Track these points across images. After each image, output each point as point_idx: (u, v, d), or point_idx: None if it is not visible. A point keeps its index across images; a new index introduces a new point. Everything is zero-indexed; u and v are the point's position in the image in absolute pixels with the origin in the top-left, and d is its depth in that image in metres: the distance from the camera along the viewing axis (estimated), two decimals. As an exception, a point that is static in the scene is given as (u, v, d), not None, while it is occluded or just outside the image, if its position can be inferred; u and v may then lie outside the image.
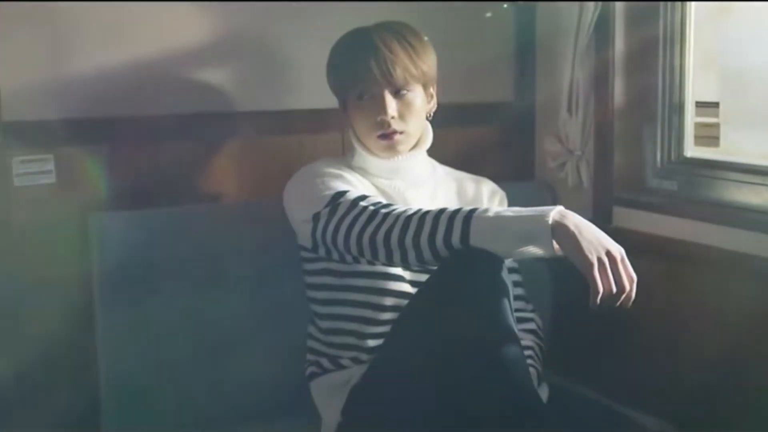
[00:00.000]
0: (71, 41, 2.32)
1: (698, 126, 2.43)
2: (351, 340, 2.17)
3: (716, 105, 2.37)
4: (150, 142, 2.41)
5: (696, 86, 2.42)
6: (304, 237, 2.15)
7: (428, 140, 2.25)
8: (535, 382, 2.11)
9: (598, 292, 1.76)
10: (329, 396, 2.16)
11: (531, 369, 2.12)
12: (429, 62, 2.16)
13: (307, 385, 2.23)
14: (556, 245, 1.81)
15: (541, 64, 2.71)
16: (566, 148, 2.56)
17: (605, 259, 1.78)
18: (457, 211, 1.89)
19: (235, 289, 2.31)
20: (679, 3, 2.42)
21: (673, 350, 2.40)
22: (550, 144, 2.61)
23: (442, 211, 1.90)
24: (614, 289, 1.78)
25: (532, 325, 2.26)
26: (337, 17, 2.38)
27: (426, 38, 2.20)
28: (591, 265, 1.77)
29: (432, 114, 2.25)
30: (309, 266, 2.22)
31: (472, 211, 1.87)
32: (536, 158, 2.72)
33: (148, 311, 2.26)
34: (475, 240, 1.84)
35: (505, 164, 2.73)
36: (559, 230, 1.80)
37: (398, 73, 2.10)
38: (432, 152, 2.40)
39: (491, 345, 1.79)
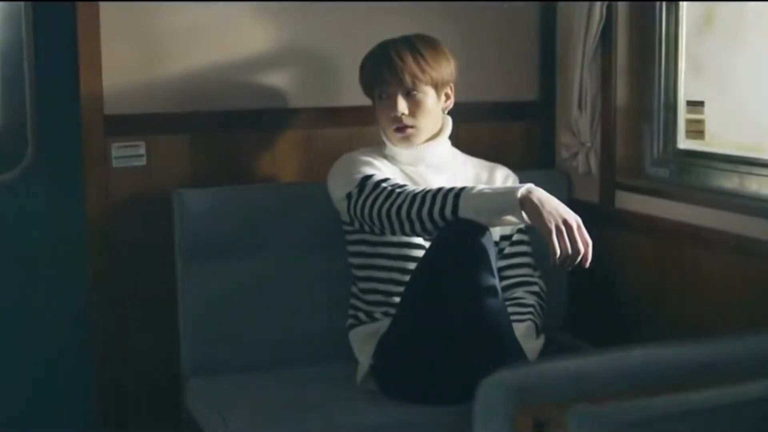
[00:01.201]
0: (160, 46, 2.81)
1: (688, 122, 2.80)
2: (381, 298, 2.62)
3: (702, 104, 2.75)
4: (224, 132, 2.89)
5: (686, 87, 2.79)
6: (342, 213, 2.61)
7: (446, 132, 2.68)
8: (534, 334, 2.54)
9: (556, 253, 2.18)
10: (363, 343, 2.61)
11: (530, 323, 2.55)
12: (440, 69, 2.59)
13: (347, 335, 2.69)
14: (525, 216, 2.24)
15: (560, 63, 3.09)
16: (578, 140, 2.95)
17: (562, 227, 2.20)
18: (450, 189, 2.32)
19: (292, 255, 2.77)
20: (673, 17, 2.79)
21: (659, 307, 2.77)
22: (564, 137, 3.01)
23: (440, 189, 2.34)
24: (570, 251, 2.19)
25: (535, 288, 2.68)
26: (381, 25, 2.80)
27: (444, 49, 2.63)
28: (550, 231, 2.19)
29: (447, 110, 2.68)
30: (349, 237, 2.68)
31: (462, 189, 2.31)
32: (555, 149, 3.12)
33: (221, 271, 2.74)
34: (462, 212, 2.28)
35: (529, 155, 3.13)
36: (526, 203, 2.23)
37: (406, 78, 2.54)
38: (465, 144, 2.83)
39: (475, 296, 2.23)
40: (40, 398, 2.93)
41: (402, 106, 2.58)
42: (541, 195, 2.27)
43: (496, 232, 2.61)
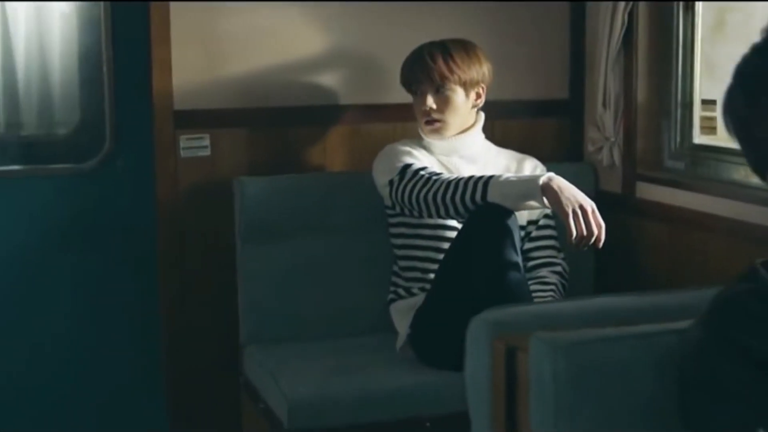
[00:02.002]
0: (223, 49, 3.13)
1: (702, 119, 3.05)
2: (419, 275, 2.92)
3: (715, 102, 3.00)
4: (279, 126, 3.20)
5: (701, 86, 3.05)
6: (385, 198, 2.91)
7: (478, 126, 2.96)
8: (555, 311, 2.82)
9: (572, 234, 2.46)
10: (402, 315, 2.90)
11: (551, 299, 2.82)
12: (470, 71, 2.87)
13: (388, 309, 2.99)
14: (546, 201, 2.51)
15: (588, 63, 3.34)
16: (602, 135, 3.21)
17: (578, 211, 2.47)
18: (480, 177, 2.61)
19: (339, 237, 3.08)
20: (689, 21, 3.05)
21: (674, 287, 3.02)
22: (590, 132, 3.27)
23: (471, 177, 2.63)
24: (585, 232, 2.47)
25: (558, 268, 2.95)
26: (422, 28, 3.09)
27: (478, 53, 2.92)
28: (567, 214, 2.46)
29: (478, 107, 2.96)
30: (391, 220, 2.98)
31: (490, 177, 2.59)
32: (584, 144, 3.38)
33: (276, 251, 3.05)
34: (490, 198, 2.57)
35: (559, 149, 3.39)
36: (547, 189, 2.50)
37: (436, 77, 2.83)
38: (500, 138, 3.12)
39: (500, 271, 2.51)
40: (114, 360, 3.27)
41: (430, 101, 2.87)
42: (560, 182, 2.54)
43: (524, 217, 2.88)
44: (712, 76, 3.02)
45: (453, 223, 2.84)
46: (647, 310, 1.37)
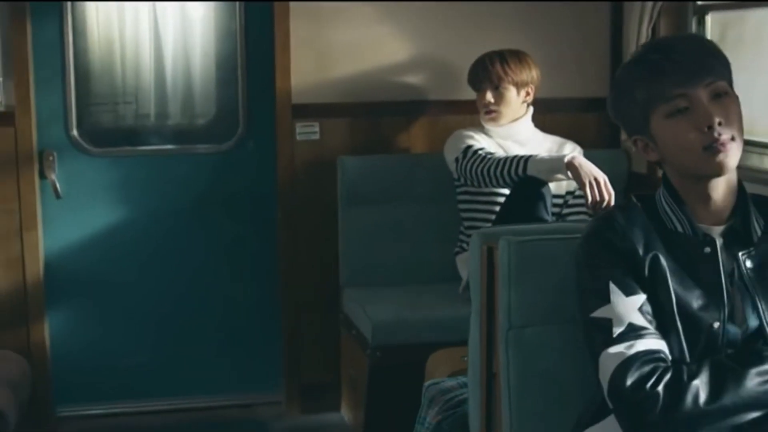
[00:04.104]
0: (330, 56, 3.99)
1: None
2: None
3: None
4: (374, 117, 4.06)
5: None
6: (453, 173, 3.73)
7: (528, 117, 3.75)
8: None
9: (588, 200, 3.23)
10: (464, 264, 3.71)
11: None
12: (521, 74, 3.65)
13: (454, 259, 3.81)
14: (570, 174, 3.30)
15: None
16: (632, 125, 3.97)
17: (593, 182, 3.23)
18: (522, 156, 3.41)
19: (418, 203, 3.92)
20: (701, 32, 3.79)
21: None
22: (623, 123, 4.04)
23: (515, 156, 3.43)
24: (598, 198, 3.23)
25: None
26: (488, 41, 3.87)
27: (529, 60, 3.70)
28: (584, 184, 3.23)
29: (528, 103, 3.75)
30: (457, 189, 3.80)
31: (530, 156, 3.39)
32: (620, 134, 4.13)
33: (368, 214, 3.91)
34: (529, 172, 3.36)
35: (600, 137, 4.15)
36: (570, 166, 3.27)
37: (494, 78, 3.64)
38: (551, 128, 3.89)
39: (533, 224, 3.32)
40: (242, 297, 4.18)
41: (489, 96, 3.68)
42: (580, 160, 3.32)
43: (563, 188, 3.66)
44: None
45: (502, 191, 3.65)
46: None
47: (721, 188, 1.96)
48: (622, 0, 4.06)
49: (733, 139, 1.94)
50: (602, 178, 3.28)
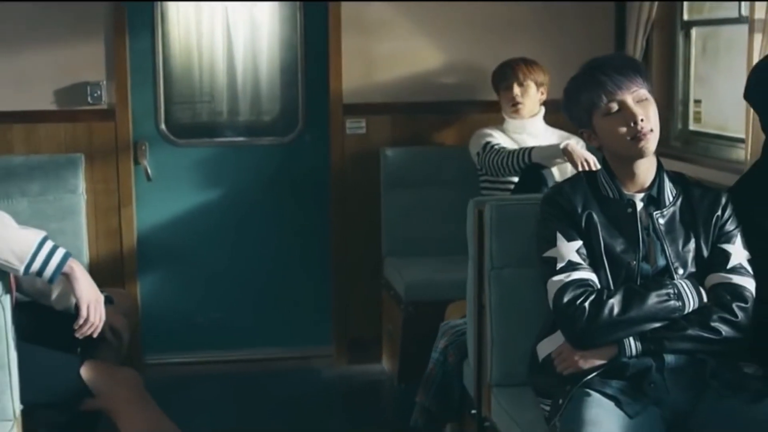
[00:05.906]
0: (375, 63, 4.73)
1: (695, 112, 4.48)
2: (495, 211, 4.48)
3: (700, 101, 4.42)
4: (412, 115, 4.79)
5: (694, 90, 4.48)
6: (475, 164, 4.46)
7: (540, 114, 4.44)
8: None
9: (577, 166, 3.93)
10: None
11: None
12: (539, 74, 4.35)
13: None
14: (566, 158, 4.02)
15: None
16: (631, 123, 4.66)
17: (584, 163, 3.93)
18: (528, 148, 4.13)
19: (446, 186, 4.65)
20: (688, 45, 4.47)
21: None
22: (623, 121, 4.73)
23: (522, 148, 4.15)
24: (586, 168, 3.93)
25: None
26: (509, 50, 4.59)
27: (542, 67, 4.40)
28: (577, 164, 3.92)
29: (542, 102, 4.45)
30: (480, 177, 4.53)
31: (533, 147, 4.11)
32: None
33: (406, 195, 4.65)
34: (534, 159, 4.08)
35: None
36: (565, 151, 3.99)
37: (519, 75, 4.34)
38: (560, 125, 4.60)
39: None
40: (300, 266, 4.95)
41: (516, 90, 4.38)
42: (573, 146, 4.02)
43: (568, 172, 4.34)
44: (699, 83, 4.46)
45: (515, 179, 4.37)
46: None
47: (643, 166, 2.68)
48: (624, 0, 4.66)
49: (651, 130, 2.65)
50: (592, 159, 3.99)
